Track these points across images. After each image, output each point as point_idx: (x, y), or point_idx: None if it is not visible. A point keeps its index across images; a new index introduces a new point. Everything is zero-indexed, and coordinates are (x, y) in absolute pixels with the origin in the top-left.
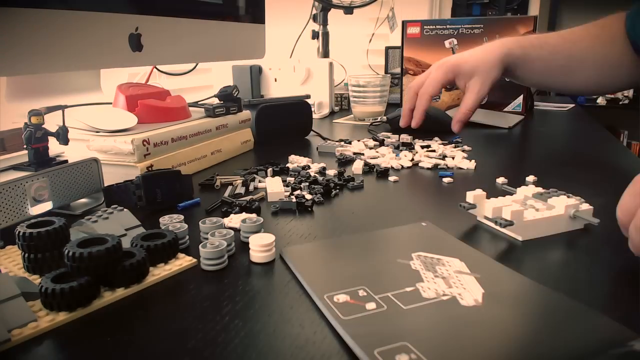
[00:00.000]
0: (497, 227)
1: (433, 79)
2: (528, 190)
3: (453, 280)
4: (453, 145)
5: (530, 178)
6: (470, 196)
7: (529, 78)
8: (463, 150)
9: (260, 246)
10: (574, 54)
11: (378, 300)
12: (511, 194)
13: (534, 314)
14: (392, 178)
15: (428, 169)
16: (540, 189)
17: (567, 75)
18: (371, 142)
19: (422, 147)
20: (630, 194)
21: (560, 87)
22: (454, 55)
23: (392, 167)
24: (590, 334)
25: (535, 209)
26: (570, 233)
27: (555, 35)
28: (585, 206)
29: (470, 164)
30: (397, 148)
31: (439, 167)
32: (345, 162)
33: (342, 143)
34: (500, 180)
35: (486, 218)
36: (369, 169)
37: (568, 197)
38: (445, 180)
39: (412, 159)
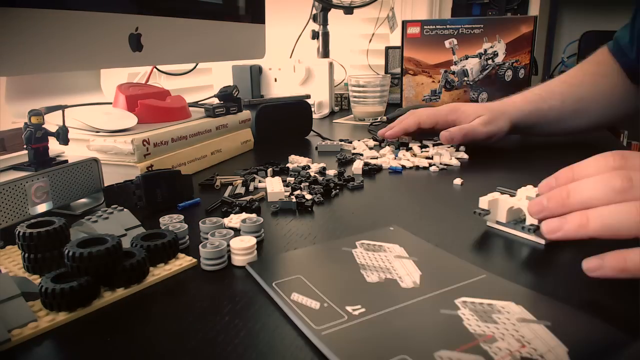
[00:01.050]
0: (522, 233)
1: (433, 111)
2: (529, 191)
3: (393, 265)
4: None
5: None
6: (485, 202)
7: (545, 129)
8: (457, 150)
9: (241, 249)
10: (582, 95)
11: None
12: (511, 196)
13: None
14: (389, 177)
15: (424, 168)
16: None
17: (579, 118)
18: (371, 142)
19: (420, 147)
20: None
21: (573, 130)
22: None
23: (389, 167)
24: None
25: None
26: None
27: (558, 82)
28: None
29: (454, 162)
30: (397, 148)
31: (431, 166)
32: (345, 162)
33: (342, 143)
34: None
35: (499, 223)
36: (369, 169)
37: None
38: (457, 181)
39: (409, 159)
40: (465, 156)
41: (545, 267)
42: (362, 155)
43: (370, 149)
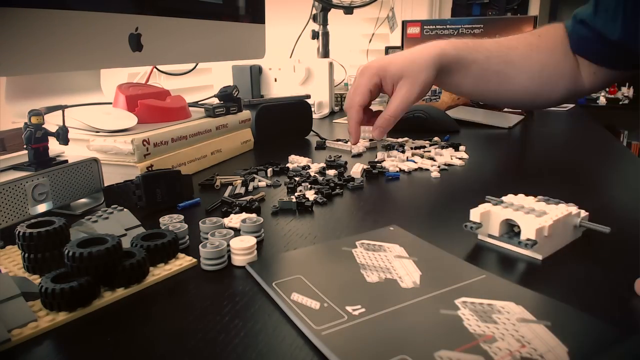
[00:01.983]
0: (518, 249)
1: (357, 86)
2: (518, 199)
3: (393, 265)
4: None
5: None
6: (476, 214)
7: (463, 84)
8: (456, 150)
9: (241, 249)
10: (510, 59)
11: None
12: (498, 204)
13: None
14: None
15: (426, 169)
16: (531, 198)
17: (502, 82)
18: (368, 143)
19: (413, 148)
20: None
21: (494, 97)
22: (379, 58)
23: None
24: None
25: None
26: (575, 243)
27: (491, 40)
28: (583, 213)
29: (433, 168)
30: (392, 148)
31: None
32: (335, 165)
33: (341, 142)
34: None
35: (491, 237)
36: (368, 170)
37: (567, 204)
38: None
39: (406, 162)
40: (466, 156)
41: (543, 283)
42: (359, 155)
43: (368, 149)
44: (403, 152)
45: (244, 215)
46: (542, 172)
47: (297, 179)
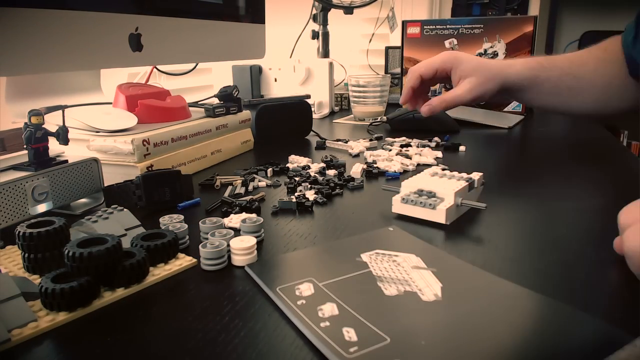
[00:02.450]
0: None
1: (429, 60)
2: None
3: (410, 276)
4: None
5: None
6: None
7: (536, 99)
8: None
9: (241, 249)
10: (581, 75)
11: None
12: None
13: (494, 304)
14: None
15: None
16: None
17: (574, 97)
18: (368, 143)
19: (401, 146)
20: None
21: (566, 109)
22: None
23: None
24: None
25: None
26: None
27: (562, 58)
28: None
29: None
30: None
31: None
32: (335, 165)
33: (341, 142)
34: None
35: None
36: (368, 171)
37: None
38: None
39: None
40: (440, 155)
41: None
42: (358, 156)
43: (368, 149)
44: (390, 150)
45: (244, 215)
46: (542, 171)
47: (297, 179)
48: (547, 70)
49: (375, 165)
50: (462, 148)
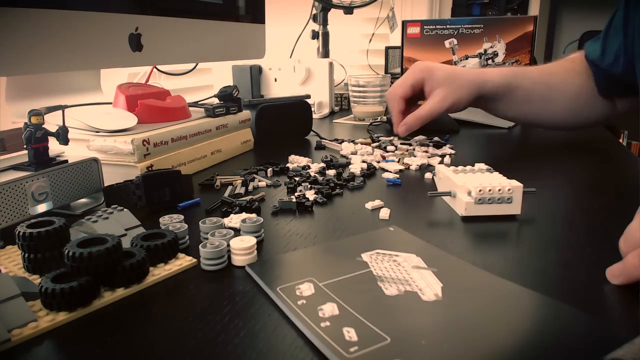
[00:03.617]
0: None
1: (402, 79)
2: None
3: (411, 276)
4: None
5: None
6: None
7: (509, 109)
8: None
9: (241, 249)
10: (552, 84)
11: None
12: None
13: (493, 304)
14: (388, 175)
15: (429, 166)
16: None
17: (545, 106)
18: (359, 145)
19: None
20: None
21: (537, 119)
22: (429, 61)
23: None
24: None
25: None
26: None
27: (532, 68)
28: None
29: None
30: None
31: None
32: (334, 165)
33: (335, 143)
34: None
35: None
36: (367, 170)
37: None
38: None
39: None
40: (423, 162)
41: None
42: (348, 158)
43: (362, 151)
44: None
45: (244, 215)
46: (542, 171)
47: (297, 179)
48: (520, 78)
49: (374, 165)
50: (447, 150)
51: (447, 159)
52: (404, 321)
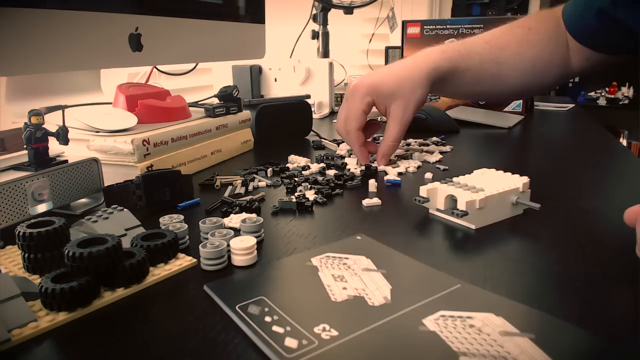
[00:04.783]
0: (452, 218)
1: (350, 110)
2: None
3: (361, 278)
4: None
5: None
6: (424, 190)
7: (458, 91)
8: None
9: (241, 249)
10: (503, 60)
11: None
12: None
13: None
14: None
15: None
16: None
17: (497, 83)
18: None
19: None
20: None
21: (487, 97)
22: (368, 74)
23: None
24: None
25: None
26: (536, 233)
27: (480, 42)
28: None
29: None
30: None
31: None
32: (334, 165)
33: (331, 143)
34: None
35: (438, 210)
36: (366, 170)
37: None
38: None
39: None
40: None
41: (474, 251)
42: (342, 158)
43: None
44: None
45: (244, 215)
46: (542, 172)
47: (296, 179)
48: (467, 58)
49: (373, 165)
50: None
51: (435, 156)
52: (349, 326)
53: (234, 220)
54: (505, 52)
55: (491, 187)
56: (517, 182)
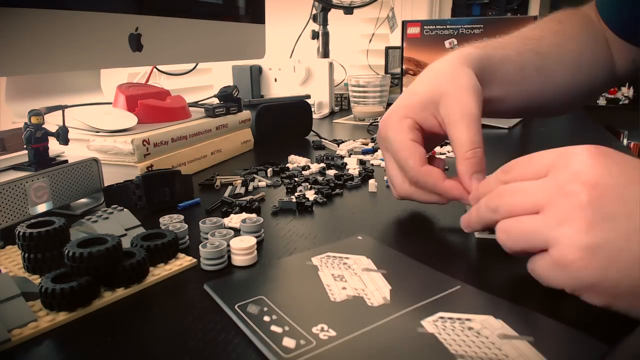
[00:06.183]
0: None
1: (399, 149)
2: None
3: (360, 278)
4: None
5: None
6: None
7: (506, 90)
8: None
9: (241, 249)
10: (543, 51)
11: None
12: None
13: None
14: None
15: None
16: None
17: (543, 80)
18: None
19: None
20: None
21: (540, 99)
22: (394, 105)
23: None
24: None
25: None
26: None
27: (506, 37)
28: None
29: None
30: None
31: None
32: (334, 165)
33: (330, 142)
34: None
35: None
36: (364, 170)
37: None
38: None
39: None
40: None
41: (475, 252)
42: (342, 158)
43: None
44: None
45: (244, 215)
46: None
47: (296, 179)
48: (499, 48)
49: (372, 165)
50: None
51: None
52: (348, 326)
53: (234, 220)
54: (542, 43)
55: None
56: None
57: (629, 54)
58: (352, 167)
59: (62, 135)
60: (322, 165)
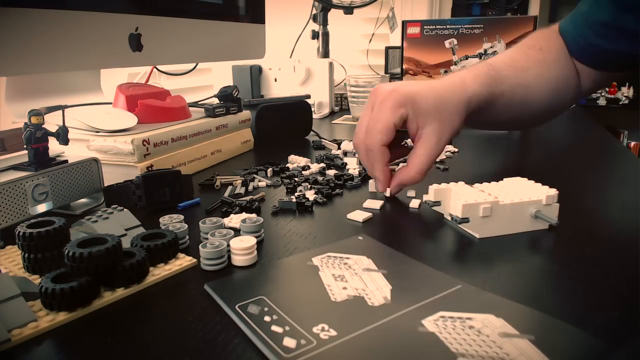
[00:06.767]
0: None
1: (379, 121)
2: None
3: (361, 278)
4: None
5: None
6: (431, 191)
7: (488, 120)
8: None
9: (241, 249)
10: (527, 83)
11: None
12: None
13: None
14: None
15: None
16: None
17: (524, 108)
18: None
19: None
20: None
21: (513, 123)
22: (401, 83)
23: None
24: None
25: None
26: (534, 233)
27: (503, 65)
28: (553, 203)
29: None
30: None
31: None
32: (334, 165)
33: (329, 142)
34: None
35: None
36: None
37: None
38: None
39: None
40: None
41: (476, 251)
42: (342, 158)
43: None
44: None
45: (244, 215)
46: (542, 172)
47: (296, 179)
48: (498, 83)
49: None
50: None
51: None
52: (349, 326)
53: (234, 220)
54: (528, 75)
55: (509, 196)
56: (541, 193)
57: (589, 75)
58: (352, 167)
59: (62, 135)
60: (322, 165)
